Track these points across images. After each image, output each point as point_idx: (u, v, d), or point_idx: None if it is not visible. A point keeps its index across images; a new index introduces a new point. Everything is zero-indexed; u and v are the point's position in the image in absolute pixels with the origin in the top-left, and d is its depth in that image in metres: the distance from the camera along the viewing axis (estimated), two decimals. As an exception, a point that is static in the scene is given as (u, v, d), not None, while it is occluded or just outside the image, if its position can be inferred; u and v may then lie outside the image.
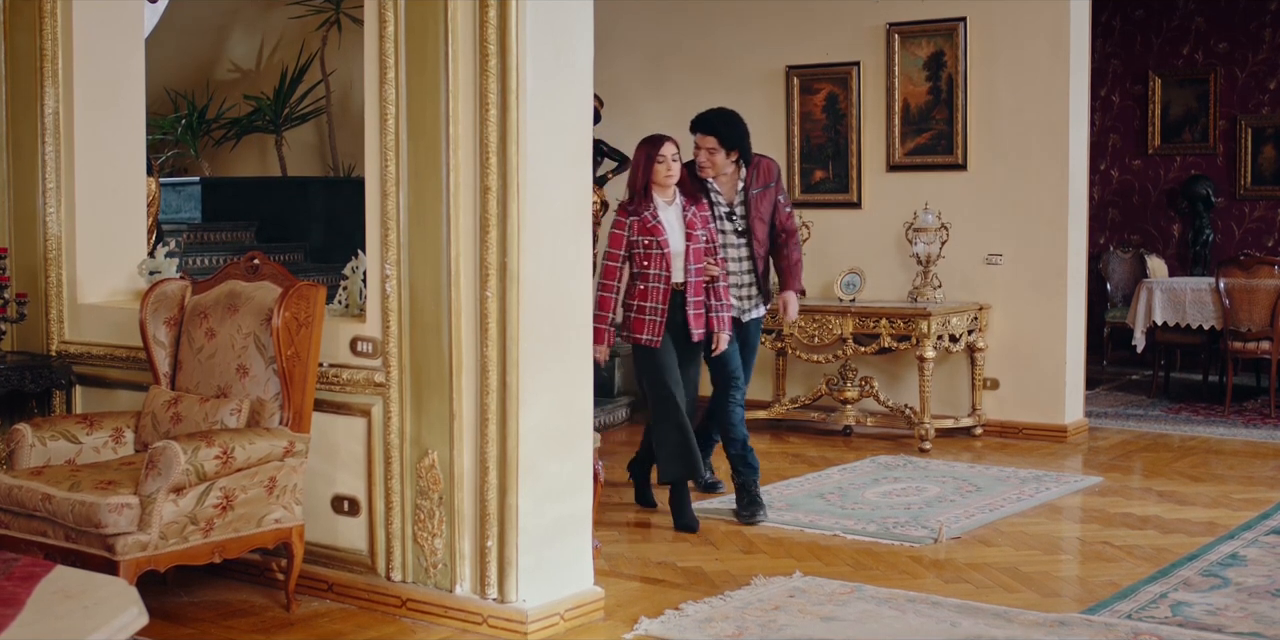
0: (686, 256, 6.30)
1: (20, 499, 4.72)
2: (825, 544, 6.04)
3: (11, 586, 3.38)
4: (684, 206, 6.37)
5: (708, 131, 6.66)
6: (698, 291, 6.37)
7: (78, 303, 6.10)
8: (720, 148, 6.64)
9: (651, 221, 6.27)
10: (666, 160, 6.29)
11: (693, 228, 6.34)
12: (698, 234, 6.34)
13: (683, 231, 6.32)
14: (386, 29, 4.97)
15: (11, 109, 6.26)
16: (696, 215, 6.37)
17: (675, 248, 6.27)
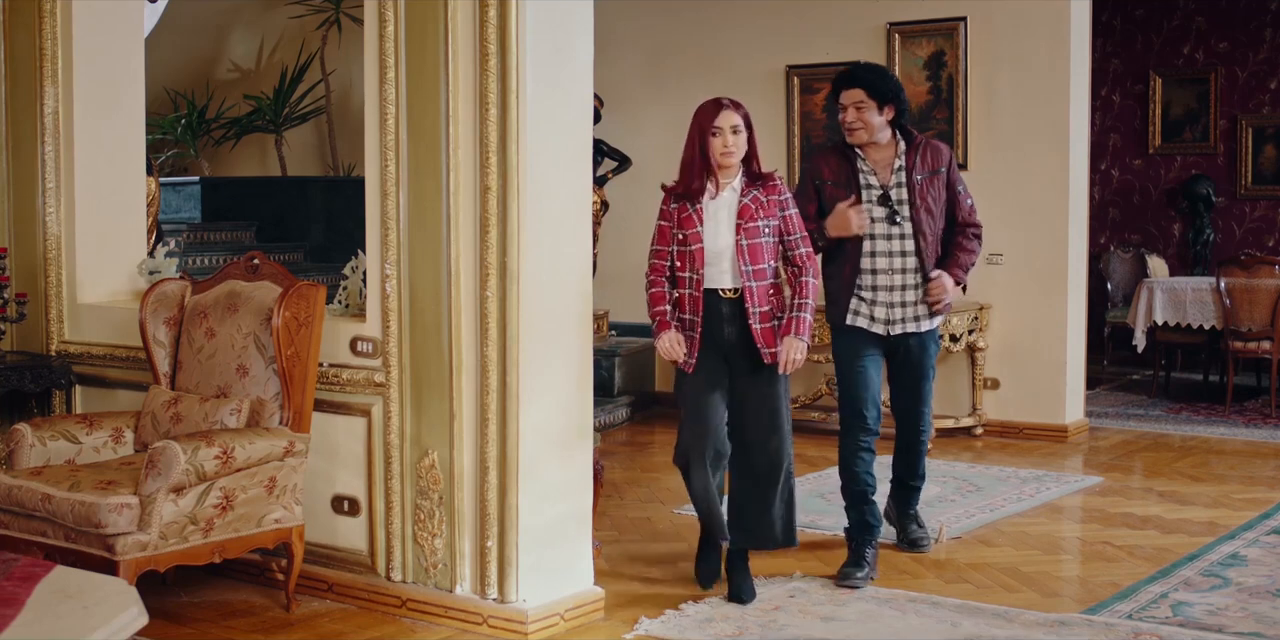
0: (739, 254, 5.01)
1: (20, 499, 4.72)
2: (825, 544, 6.03)
3: (11, 586, 3.37)
4: (743, 190, 5.08)
5: (851, 84, 5.52)
6: (763, 300, 5.05)
7: (77, 302, 6.10)
8: (870, 101, 5.46)
9: (687, 211, 5.07)
10: (724, 133, 5.04)
11: (747, 217, 5.02)
12: (757, 225, 5.01)
13: (731, 222, 5.03)
14: (386, 29, 4.97)
15: (11, 109, 6.25)
16: (759, 200, 5.05)
17: (710, 244, 5.01)
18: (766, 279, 5.04)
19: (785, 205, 5.10)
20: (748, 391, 5.13)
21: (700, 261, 5.00)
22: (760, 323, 5.03)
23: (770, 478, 5.14)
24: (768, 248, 5.04)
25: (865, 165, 5.55)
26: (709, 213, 5.05)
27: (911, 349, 5.68)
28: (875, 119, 5.47)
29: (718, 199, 5.07)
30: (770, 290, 5.06)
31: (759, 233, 5.01)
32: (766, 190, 5.08)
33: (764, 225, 5.03)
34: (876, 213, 5.49)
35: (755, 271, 5.01)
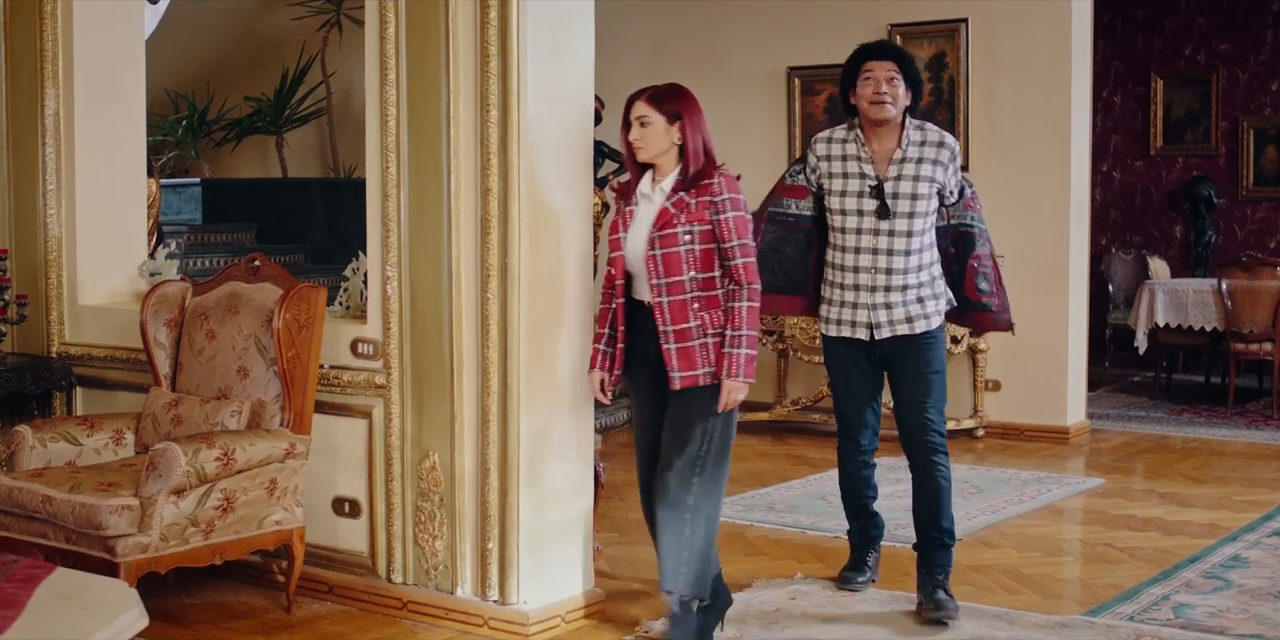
0: (650, 266, 4.47)
1: (21, 501, 4.71)
2: (827, 546, 6.03)
3: (12, 588, 3.37)
4: (670, 192, 4.53)
5: (882, 56, 5.03)
6: (679, 316, 4.48)
7: (78, 304, 6.09)
8: (900, 75, 4.98)
9: (622, 212, 4.67)
10: (632, 124, 4.59)
11: (662, 223, 4.47)
12: (675, 232, 4.45)
13: (649, 230, 4.52)
14: (387, 30, 4.97)
15: (12, 110, 6.25)
16: (684, 203, 4.48)
17: (629, 252, 4.55)
18: (685, 293, 4.45)
19: (721, 208, 4.47)
20: (670, 416, 4.59)
21: (620, 270, 4.58)
22: (675, 342, 4.45)
23: (670, 512, 4.55)
24: (690, 257, 4.45)
25: (864, 152, 5.03)
26: (637, 216, 4.59)
27: (907, 353, 5.08)
28: (903, 97, 4.99)
29: (650, 201, 4.58)
30: (695, 304, 4.45)
31: (676, 241, 4.44)
32: (698, 191, 4.50)
33: (685, 231, 4.44)
34: (866, 205, 4.97)
35: (669, 285, 4.45)
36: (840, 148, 5.08)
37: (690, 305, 4.46)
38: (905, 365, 5.11)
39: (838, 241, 5.07)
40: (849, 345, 5.12)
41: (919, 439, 5.09)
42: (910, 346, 5.07)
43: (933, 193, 4.99)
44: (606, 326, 4.65)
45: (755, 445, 8.56)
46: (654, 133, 4.54)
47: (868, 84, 4.97)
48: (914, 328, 5.05)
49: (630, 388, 4.76)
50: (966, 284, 5.19)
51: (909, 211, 4.96)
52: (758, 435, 8.82)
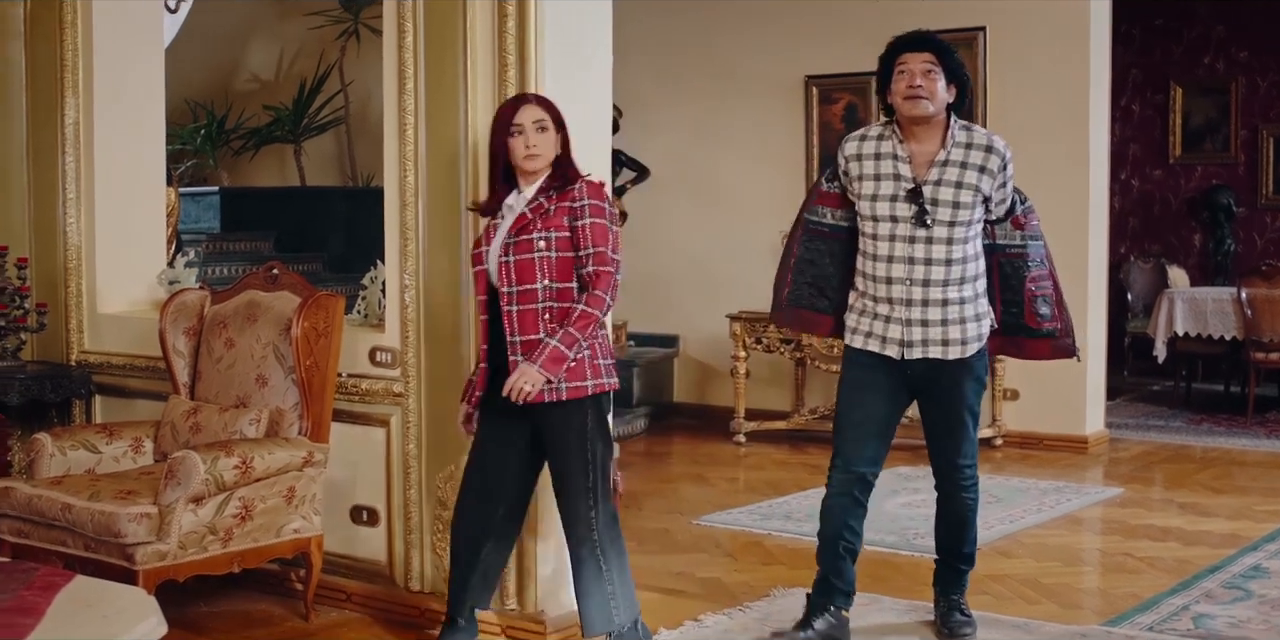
0: (502, 274, 4.28)
1: (40, 508, 4.73)
2: (845, 555, 6.01)
3: (32, 596, 3.38)
4: (530, 199, 4.33)
5: (919, 47, 4.52)
6: (529, 326, 4.25)
7: (97, 312, 6.11)
8: (939, 68, 4.48)
9: (488, 226, 4.46)
10: (526, 130, 4.30)
11: (516, 229, 4.27)
12: (530, 238, 4.24)
13: (504, 231, 4.34)
14: (405, 39, 4.97)
15: (32, 119, 6.28)
16: (542, 208, 4.28)
17: (490, 264, 4.35)
18: (537, 301, 4.24)
19: (580, 213, 4.25)
20: (544, 440, 4.39)
21: (482, 286, 4.37)
22: (522, 354, 4.23)
23: (574, 553, 4.39)
24: (545, 265, 4.24)
25: (902, 151, 4.55)
26: (499, 228, 4.37)
27: (940, 383, 4.64)
28: (942, 91, 4.47)
29: (511, 210, 4.36)
30: (546, 315, 4.23)
31: (530, 247, 4.23)
32: (560, 196, 4.29)
33: (540, 238, 4.23)
34: (901, 211, 4.50)
35: (521, 293, 4.24)
36: (874, 146, 4.58)
37: (541, 315, 4.24)
38: (937, 400, 4.69)
39: (869, 249, 4.58)
40: (876, 358, 4.62)
41: (948, 475, 4.81)
42: (946, 376, 4.60)
43: (977, 202, 4.49)
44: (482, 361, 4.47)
45: (773, 454, 8.55)
46: (548, 139, 4.34)
47: (901, 78, 4.48)
48: (948, 352, 4.56)
49: (482, 406, 4.46)
50: (1026, 312, 4.71)
51: (949, 220, 4.47)
52: (775, 444, 8.81)
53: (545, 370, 4.18)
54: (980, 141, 4.54)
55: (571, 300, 4.26)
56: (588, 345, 4.26)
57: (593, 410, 4.33)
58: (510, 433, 4.42)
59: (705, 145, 9.79)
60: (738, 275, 9.49)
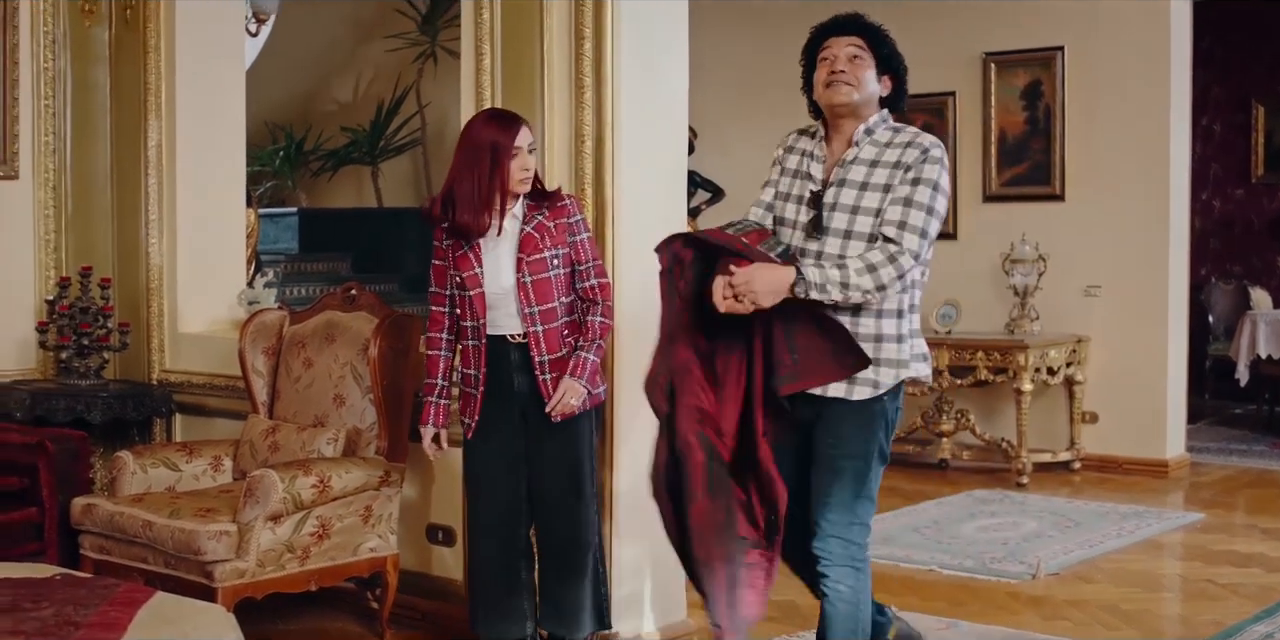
0: (522, 294, 4.26)
1: (122, 525, 4.78)
2: (921, 579, 5.97)
3: (114, 612, 3.42)
4: (525, 217, 4.32)
5: (844, 31, 4.01)
6: (555, 345, 4.29)
7: (178, 332, 6.19)
8: (868, 53, 3.93)
9: (462, 248, 4.34)
10: (523, 154, 4.24)
11: (530, 249, 4.26)
12: (543, 256, 4.26)
13: (513, 258, 4.29)
14: (483, 62, 5.01)
15: (116, 141, 6.38)
16: (545, 227, 4.29)
17: (490, 287, 4.29)
18: (558, 319, 4.27)
19: (576, 229, 4.31)
20: (546, 452, 4.36)
21: (481, 309, 4.30)
22: (552, 372, 4.27)
23: (573, 553, 4.40)
24: (559, 282, 4.28)
25: (820, 149, 3.97)
26: (488, 249, 4.29)
27: (822, 429, 3.85)
28: (870, 79, 3.89)
29: (500, 232, 4.30)
30: (565, 331, 4.30)
31: (546, 266, 4.25)
32: (554, 213, 4.29)
33: (551, 256, 4.26)
34: (801, 215, 3.89)
35: (543, 312, 4.26)
36: (804, 142, 4.07)
37: (561, 332, 4.30)
38: (820, 441, 3.87)
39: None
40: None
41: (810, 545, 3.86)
42: (835, 416, 3.82)
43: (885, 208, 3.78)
44: (440, 377, 4.47)
45: (848, 476, 8.48)
46: (534, 161, 4.36)
47: (824, 65, 3.96)
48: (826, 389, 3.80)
49: (481, 432, 4.38)
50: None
51: (845, 228, 3.80)
52: (850, 466, 8.74)
53: (590, 384, 4.30)
54: (904, 139, 3.87)
55: (574, 313, 4.36)
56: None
57: (596, 419, 4.47)
58: (513, 450, 4.41)
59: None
60: (812, 296, 9.45)
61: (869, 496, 3.84)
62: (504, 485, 4.44)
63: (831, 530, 3.80)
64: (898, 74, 3.98)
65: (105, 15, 6.38)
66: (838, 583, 3.84)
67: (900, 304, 3.81)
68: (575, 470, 4.37)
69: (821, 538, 3.82)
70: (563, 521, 4.39)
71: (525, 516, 4.46)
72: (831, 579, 3.83)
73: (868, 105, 3.91)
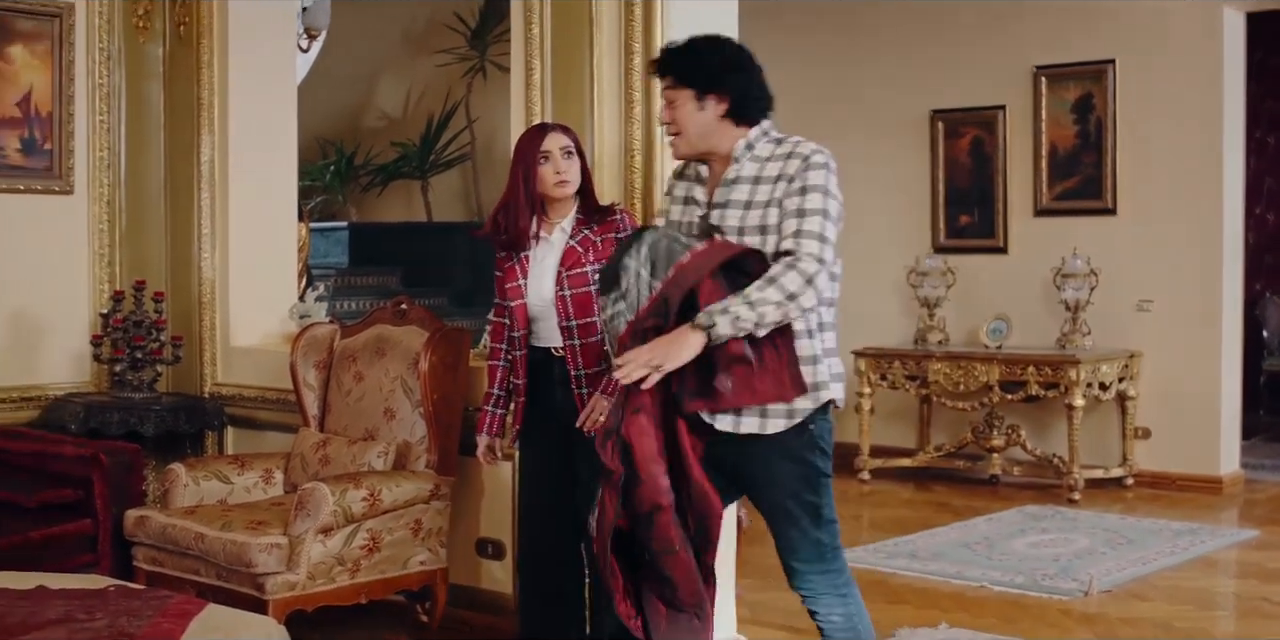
0: (560, 308, 4.22)
1: (174, 537, 4.82)
2: (972, 595, 5.93)
3: (167, 623, 3.44)
4: (573, 230, 4.29)
5: (659, 75, 3.72)
6: (594, 359, 4.21)
7: (230, 345, 6.23)
8: (682, 88, 3.63)
9: (511, 261, 4.33)
10: (554, 157, 4.21)
11: (571, 262, 4.22)
12: (585, 271, 4.20)
13: (554, 271, 4.26)
14: (533, 76, 5.03)
15: (170, 157, 6.44)
16: (590, 240, 4.25)
17: (533, 299, 4.26)
18: (599, 334, 4.11)
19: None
20: (579, 470, 4.24)
21: (522, 320, 4.27)
22: (589, 387, 4.19)
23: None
24: (586, 298, 4.18)
25: (703, 171, 3.74)
26: (535, 261, 4.26)
27: (754, 465, 3.59)
28: (690, 115, 3.61)
29: (548, 243, 4.27)
30: (607, 346, 3.93)
31: (586, 280, 4.15)
32: (602, 228, 4.22)
33: (594, 271, 4.12)
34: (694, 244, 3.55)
35: (582, 327, 4.18)
36: (691, 167, 3.81)
37: (602, 347, 4.15)
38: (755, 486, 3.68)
39: None
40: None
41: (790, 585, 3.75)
42: (761, 458, 3.58)
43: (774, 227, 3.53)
44: (497, 386, 4.45)
45: (898, 492, 8.47)
46: (576, 166, 4.25)
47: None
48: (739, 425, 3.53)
49: (524, 443, 4.38)
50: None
51: None
52: (900, 482, 8.72)
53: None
54: (784, 150, 3.66)
55: None
56: None
57: None
58: (555, 461, 4.34)
59: (829, 180, 9.74)
60: (862, 311, 9.41)
61: (829, 519, 3.62)
62: (543, 496, 4.38)
63: (806, 569, 3.66)
64: (724, 85, 3.63)
65: (160, 32, 6.45)
66: (829, 614, 3.70)
67: (809, 323, 3.54)
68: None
69: (799, 578, 3.68)
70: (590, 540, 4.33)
71: (571, 529, 4.33)
72: (821, 614, 3.70)
73: (711, 136, 3.64)
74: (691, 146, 3.65)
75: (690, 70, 3.62)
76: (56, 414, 6.00)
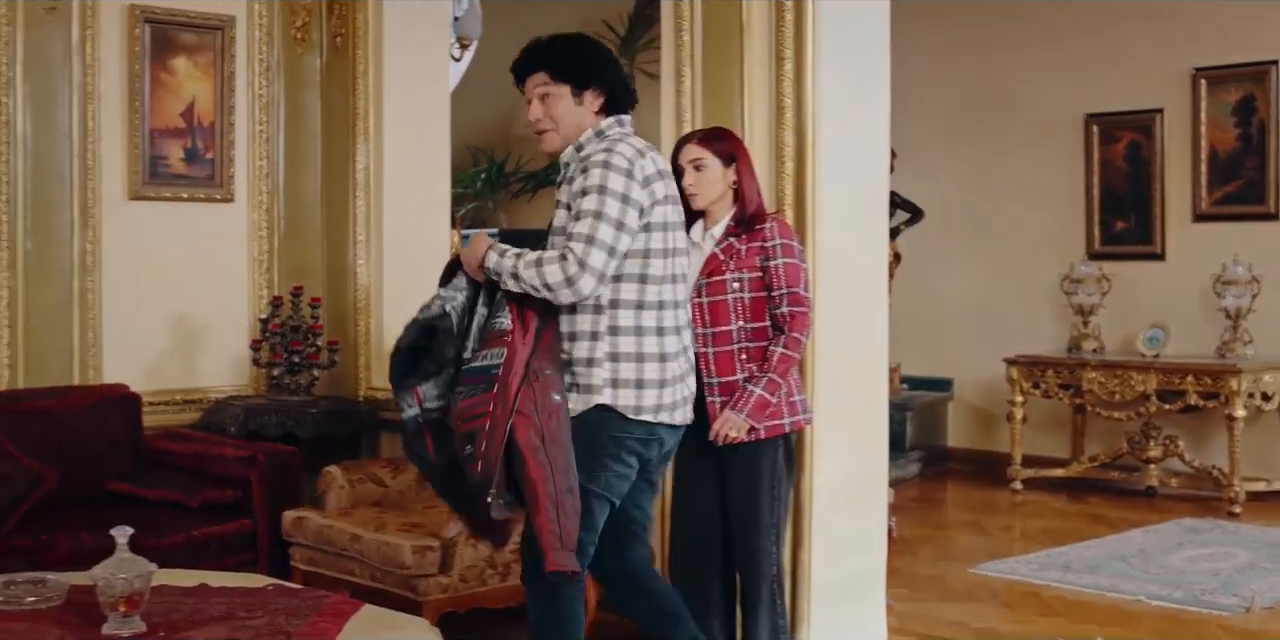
0: (696, 315, 4.20)
1: (330, 538, 4.91)
2: (1127, 609, 5.80)
3: (323, 623, 3.50)
4: (720, 238, 4.29)
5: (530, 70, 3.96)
6: (726, 368, 4.21)
7: (384, 350, 6.31)
8: (555, 84, 3.87)
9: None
10: (685, 170, 4.28)
11: (709, 270, 4.24)
12: (723, 279, 4.22)
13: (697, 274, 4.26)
14: (683, 83, 5.03)
15: (326, 165, 6.57)
16: (733, 249, 4.24)
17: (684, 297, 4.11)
18: (733, 343, 4.18)
19: (772, 253, 4.20)
20: (727, 475, 4.30)
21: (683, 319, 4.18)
22: (720, 395, 4.17)
23: (747, 581, 4.32)
24: (738, 306, 4.20)
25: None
26: (691, 267, 4.19)
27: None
28: (568, 112, 3.85)
29: (700, 250, 4.28)
30: (743, 355, 4.18)
31: (724, 288, 4.20)
32: (749, 236, 4.23)
33: (733, 279, 4.19)
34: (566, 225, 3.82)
35: (715, 335, 4.19)
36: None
37: (738, 356, 4.19)
38: None
39: None
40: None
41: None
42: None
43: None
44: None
45: (1051, 503, 8.32)
46: (709, 177, 4.27)
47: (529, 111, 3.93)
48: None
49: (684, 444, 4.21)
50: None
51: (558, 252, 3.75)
52: (1053, 493, 8.57)
53: (750, 418, 4.16)
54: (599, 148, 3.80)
55: (765, 339, 4.19)
56: (785, 386, 4.20)
57: (783, 447, 4.29)
58: (705, 470, 4.34)
59: (981, 185, 9.63)
60: (1014, 318, 9.31)
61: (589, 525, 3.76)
62: (689, 497, 4.39)
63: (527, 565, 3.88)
64: (601, 81, 3.85)
65: (317, 43, 6.59)
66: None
67: (595, 326, 3.74)
68: (749, 498, 4.26)
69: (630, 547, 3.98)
70: (738, 548, 4.32)
71: (714, 535, 4.37)
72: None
73: (581, 131, 3.86)
74: (566, 141, 3.85)
75: (569, 65, 3.84)
76: (217, 416, 6.15)
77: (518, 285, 3.70)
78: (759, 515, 4.26)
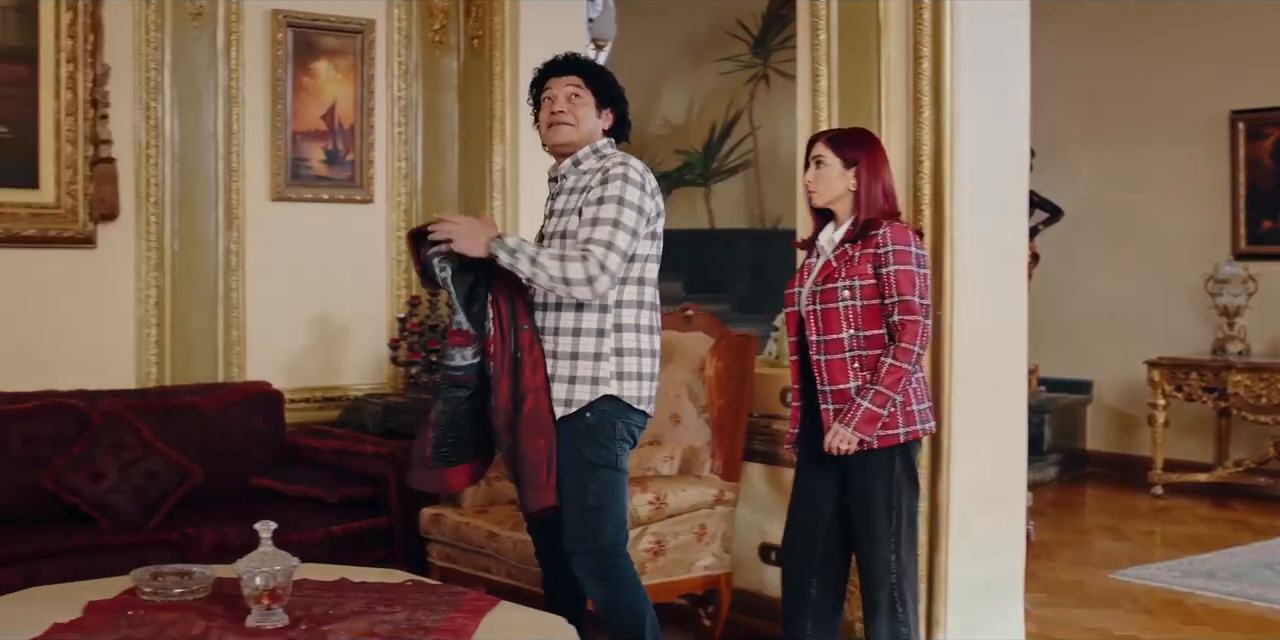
0: (810, 322, 4.19)
1: (467, 535, 4.96)
2: (1275, 619, 5.66)
3: (461, 618, 3.55)
4: (838, 243, 4.22)
5: (563, 71, 4.21)
6: (838, 376, 4.14)
7: (520, 349, 6.37)
8: (586, 91, 4.18)
9: (804, 265, 4.39)
10: (810, 168, 4.28)
11: (823, 277, 4.19)
12: (835, 287, 4.14)
13: (812, 279, 4.26)
14: (819, 83, 5.00)
15: (464, 166, 6.65)
16: (847, 255, 4.17)
17: (800, 307, 4.25)
18: (845, 351, 4.12)
19: (884, 260, 4.09)
20: (848, 482, 4.25)
21: (792, 327, 4.28)
22: (833, 403, 4.12)
23: (867, 588, 4.24)
24: (850, 313, 4.12)
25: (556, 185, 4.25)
26: (811, 271, 4.27)
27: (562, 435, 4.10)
28: (591, 118, 4.16)
29: (822, 254, 4.27)
30: (856, 364, 4.10)
31: (835, 296, 4.12)
32: (864, 243, 4.14)
33: (844, 286, 4.12)
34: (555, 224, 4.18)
35: (827, 343, 4.13)
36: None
37: (850, 364, 4.11)
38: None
39: None
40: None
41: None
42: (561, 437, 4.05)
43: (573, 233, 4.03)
44: (794, 382, 4.39)
45: (1194, 509, 8.14)
46: (827, 175, 4.21)
47: (547, 105, 4.17)
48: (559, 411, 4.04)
49: (801, 449, 4.35)
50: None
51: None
52: (1196, 498, 8.38)
53: (859, 431, 4.08)
54: (599, 165, 4.08)
55: (880, 346, 4.11)
56: (900, 396, 4.12)
57: (900, 457, 4.18)
58: (824, 474, 4.29)
59: (1121, 184, 9.46)
60: (1156, 320, 9.11)
61: (594, 506, 4.03)
62: (807, 500, 4.35)
63: (573, 547, 4.06)
64: (618, 107, 4.23)
65: (454, 46, 6.67)
66: (593, 591, 4.11)
67: (602, 324, 4.03)
68: (867, 506, 4.19)
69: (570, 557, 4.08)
70: (858, 555, 4.28)
71: (834, 539, 4.33)
72: (587, 588, 4.11)
73: (589, 141, 4.16)
74: (576, 139, 4.15)
75: (600, 80, 4.21)
76: (355, 414, 6.24)
77: (532, 269, 3.88)
78: (875, 525, 4.19)
